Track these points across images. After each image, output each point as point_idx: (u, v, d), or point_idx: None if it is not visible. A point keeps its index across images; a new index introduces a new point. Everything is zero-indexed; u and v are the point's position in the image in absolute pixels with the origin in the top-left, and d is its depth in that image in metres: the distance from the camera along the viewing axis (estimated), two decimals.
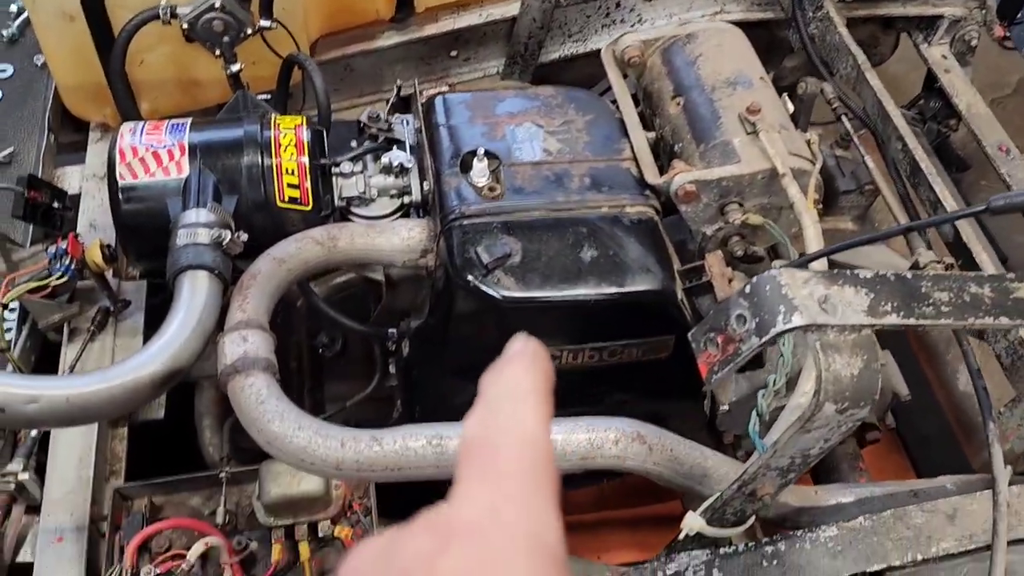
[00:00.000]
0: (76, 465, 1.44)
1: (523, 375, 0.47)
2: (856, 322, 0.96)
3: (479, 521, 0.42)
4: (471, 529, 0.41)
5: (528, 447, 0.44)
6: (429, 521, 0.42)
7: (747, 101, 1.43)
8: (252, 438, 1.21)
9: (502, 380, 0.48)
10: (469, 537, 0.41)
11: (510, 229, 1.35)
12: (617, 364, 1.41)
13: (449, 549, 0.40)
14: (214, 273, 1.28)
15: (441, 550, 0.40)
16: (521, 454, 0.44)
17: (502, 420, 0.45)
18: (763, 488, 1.10)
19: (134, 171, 1.39)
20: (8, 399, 1.07)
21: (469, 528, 0.41)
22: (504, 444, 0.44)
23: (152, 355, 1.18)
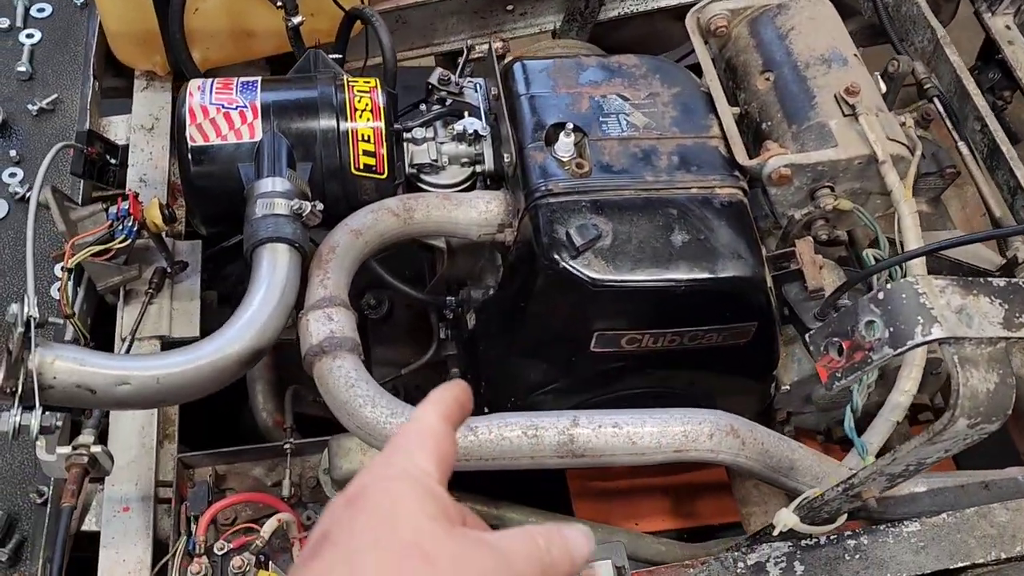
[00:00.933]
0: (139, 432, 1.41)
1: (435, 393, 0.61)
2: (993, 334, 0.93)
3: (372, 463, 0.57)
4: (369, 467, 0.56)
5: (420, 425, 0.58)
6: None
7: (843, 80, 1.37)
8: (338, 420, 1.18)
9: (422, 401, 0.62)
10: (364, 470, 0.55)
11: (599, 208, 1.30)
12: (695, 348, 1.39)
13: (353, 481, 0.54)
14: (294, 246, 1.23)
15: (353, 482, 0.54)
16: (414, 428, 0.58)
17: (412, 415, 0.60)
18: (868, 491, 1.08)
19: (205, 133, 1.33)
20: (98, 381, 1.03)
21: (368, 468, 0.56)
22: (406, 426, 0.59)
23: (237, 333, 1.14)
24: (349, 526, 0.50)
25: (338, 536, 0.50)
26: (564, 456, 1.14)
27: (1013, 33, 2.13)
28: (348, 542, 0.49)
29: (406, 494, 0.52)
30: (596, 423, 1.15)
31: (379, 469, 0.55)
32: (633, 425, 1.16)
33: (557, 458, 1.14)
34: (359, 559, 0.48)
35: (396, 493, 0.52)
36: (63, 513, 1.18)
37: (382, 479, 0.53)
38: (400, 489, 0.52)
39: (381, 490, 0.52)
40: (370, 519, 0.50)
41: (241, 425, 1.82)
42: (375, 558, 0.48)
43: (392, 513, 0.51)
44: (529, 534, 0.55)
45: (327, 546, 0.50)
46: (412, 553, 0.49)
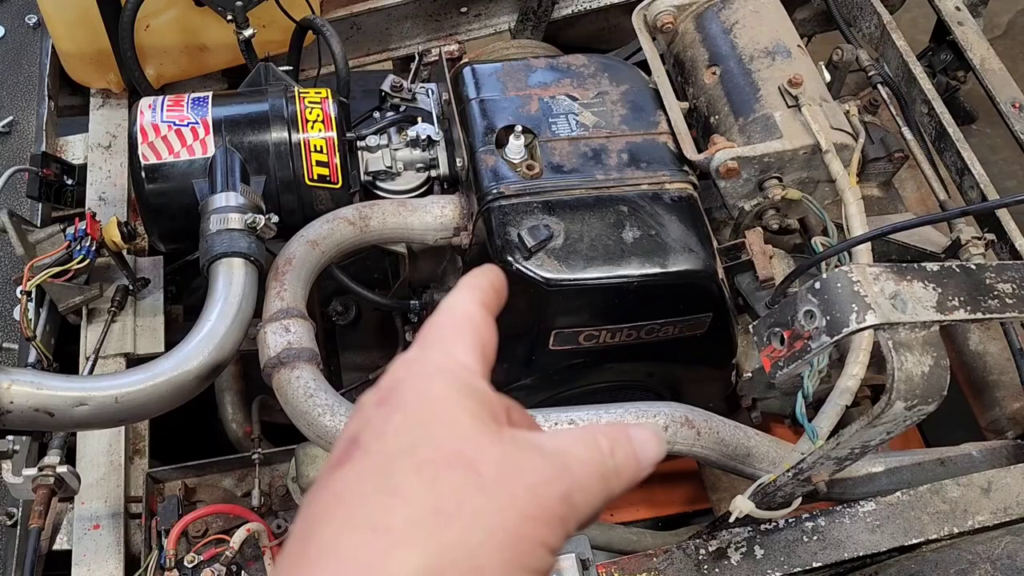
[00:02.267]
0: (107, 450, 1.42)
1: (470, 278, 0.55)
2: (927, 319, 0.95)
3: (407, 354, 0.51)
4: (401, 359, 0.50)
5: (453, 312, 0.53)
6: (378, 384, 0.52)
7: (787, 72, 1.40)
8: (297, 428, 1.20)
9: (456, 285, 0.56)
10: (398, 362, 0.50)
11: (551, 209, 1.32)
12: (650, 343, 1.41)
13: (385, 374, 0.50)
14: (249, 260, 1.25)
15: (380, 378, 0.50)
16: (447, 318, 0.52)
17: (443, 304, 0.54)
18: (818, 476, 1.11)
19: (157, 151, 1.34)
20: (56, 403, 1.04)
21: (399, 361, 0.50)
22: (437, 315, 0.53)
23: (195, 348, 1.15)
24: (381, 429, 0.46)
25: (369, 440, 0.45)
26: None
27: (963, 14, 2.17)
28: (381, 447, 0.45)
29: (445, 392, 0.47)
30: (552, 420, 1.17)
31: (414, 364, 0.50)
32: (589, 421, 1.18)
33: None
34: (394, 468, 0.44)
35: (434, 391, 0.47)
36: (31, 534, 1.19)
37: (418, 375, 0.49)
38: (438, 386, 0.48)
39: (417, 388, 0.48)
40: (405, 421, 0.46)
41: (216, 436, 1.84)
42: (412, 466, 0.43)
43: (430, 414, 0.46)
44: (590, 434, 0.49)
45: (357, 452, 0.45)
46: (454, 461, 0.44)
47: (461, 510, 0.42)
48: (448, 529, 0.42)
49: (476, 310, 0.53)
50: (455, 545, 0.42)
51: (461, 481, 0.43)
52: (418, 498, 0.42)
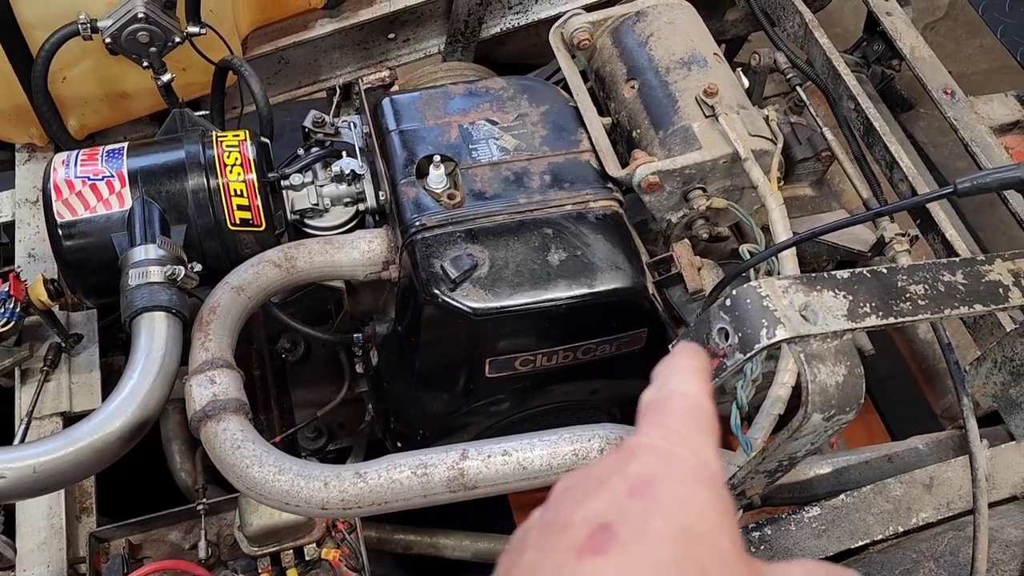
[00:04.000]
0: (47, 514, 1.40)
1: (688, 360, 0.53)
2: (838, 328, 0.95)
3: (654, 443, 0.48)
4: (648, 447, 0.48)
5: (690, 401, 0.51)
6: (613, 450, 0.49)
7: (703, 82, 1.40)
8: (227, 480, 1.18)
9: (669, 364, 0.54)
10: (648, 451, 0.47)
11: (474, 237, 1.31)
12: (588, 362, 1.40)
13: (634, 458, 0.47)
14: (171, 312, 1.23)
15: (627, 460, 0.47)
16: (683, 406, 0.50)
17: (670, 385, 0.52)
18: (751, 489, 1.11)
19: (72, 207, 1.32)
20: None
21: (646, 447, 0.48)
22: (672, 399, 0.51)
23: (117, 409, 1.13)
24: (642, 530, 0.42)
25: (629, 540, 0.42)
26: (456, 490, 1.15)
27: (891, 4, 2.19)
28: (644, 554, 0.42)
29: (708, 507, 0.45)
30: (485, 453, 1.16)
31: (667, 459, 0.47)
32: (523, 451, 1.17)
33: (449, 493, 1.15)
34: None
35: (697, 503, 0.45)
36: None
37: (676, 478, 0.46)
38: (701, 498, 0.45)
39: (678, 493, 0.45)
40: (667, 530, 0.43)
41: (168, 485, 1.81)
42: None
43: (694, 531, 0.43)
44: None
45: (614, 547, 0.42)
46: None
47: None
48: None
49: (709, 403, 0.51)
50: None
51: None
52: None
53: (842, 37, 2.58)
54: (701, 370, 0.53)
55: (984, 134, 2.00)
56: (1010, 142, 2.16)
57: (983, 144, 1.98)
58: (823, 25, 2.09)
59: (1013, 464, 1.30)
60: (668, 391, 0.51)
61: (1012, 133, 2.17)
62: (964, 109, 2.03)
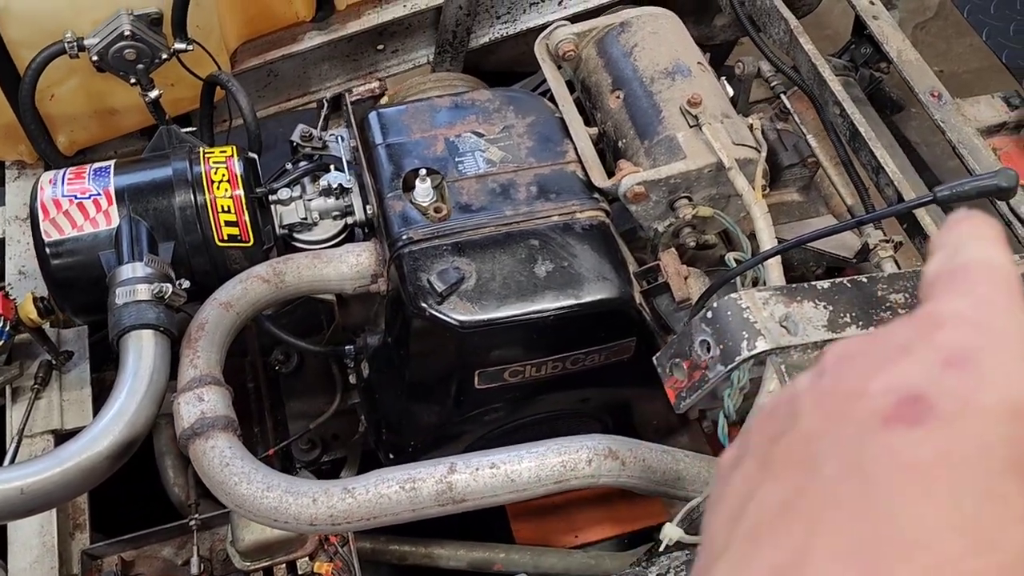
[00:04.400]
0: (39, 532, 1.40)
1: (981, 226, 0.45)
2: (818, 339, 0.96)
3: (962, 311, 0.41)
4: (957, 315, 0.40)
5: (997, 270, 0.43)
6: (908, 318, 0.41)
7: (687, 92, 1.40)
8: (216, 498, 1.18)
9: (958, 228, 0.45)
10: (958, 320, 0.40)
11: (461, 250, 1.32)
12: (579, 371, 1.41)
13: (941, 327, 0.39)
14: (159, 330, 1.24)
15: (933, 328, 0.40)
16: (990, 274, 0.42)
17: (968, 253, 0.44)
18: None
19: (60, 226, 1.32)
20: None
21: (954, 315, 0.40)
22: (974, 267, 0.43)
23: (104, 428, 1.14)
24: (966, 404, 0.37)
25: (949, 409, 0.37)
26: (445, 504, 1.15)
27: (877, 8, 2.20)
28: (973, 428, 0.36)
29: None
30: (473, 467, 1.16)
31: (982, 330, 0.40)
32: (511, 463, 1.17)
33: (438, 507, 1.15)
34: (994, 463, 0.35)
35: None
36: None
37: (999, 350, 0.39)
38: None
39: (1006, 370, 0.38)
40: (998, 408, 0.37)
41: (162, 500, 1.82)
42: (1020, 478, 0.35)
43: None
44: None
45: (932, 418, 0.37)
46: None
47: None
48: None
49: (1018, 276, 0.43)
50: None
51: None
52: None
53: (832, 39, 2.59)
54: (1001, 239, 0.45)
55: (971, 136, 2.01)
56: (998, 143, 2.16)
57: (971, 146, 1.98)
58: (813, 28, 2.10)
59: None
60: (966, 258, 0.44)
61: (1000, 134, 2.18)
62: (951, 111, 2.04)
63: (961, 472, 0.35)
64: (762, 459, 0.40)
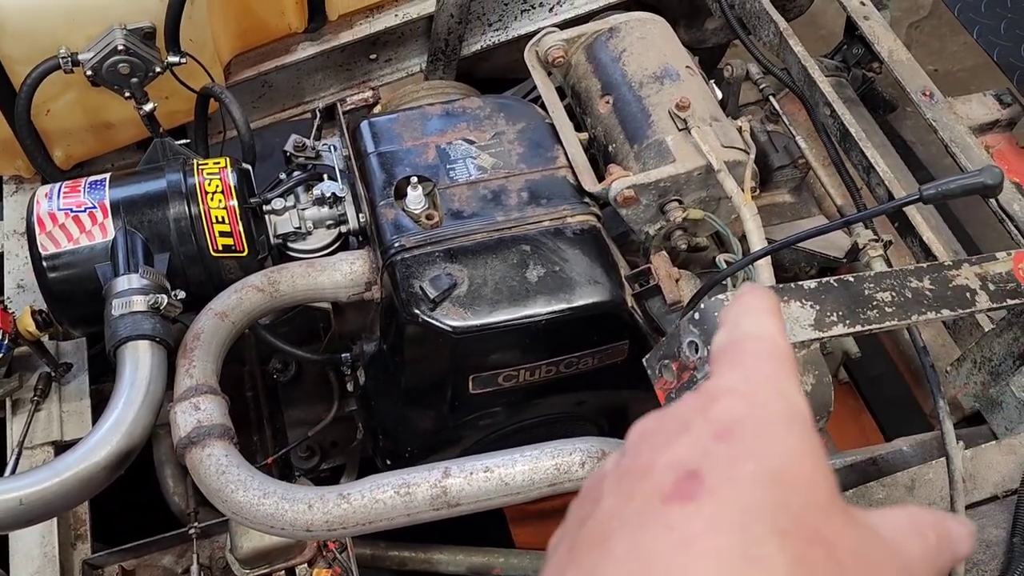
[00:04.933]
0: (40, 543, 1.41)
1: (757, 299, 0.52)
2: (805, 338, 0.97)
3: (736, 386, 0.46)
4: (730, 390, 0.46)
5: (768, 342, 0.49)
6: (691, 394, 0.47)
7: (676, 96, 1.41)
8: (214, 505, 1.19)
9: (739, 303, 0.52)
10: (730, 393, 0.45)
11: (453, 256, 1.33)
12: (574, 374, 1.42)
13: (716, 402, 0.45)
14: (155, 341, 1.25)
15: (708, 404, 0.45)
16: (761, 347, 0.48)
17: (743, 327, 0.50)
18: None
19: (56, 240, 1.34)
20: None
21: (728, 389, 0.46)
22: (748, 341, 0.49)
23: (102, 439, 1.15)
24: (731, 474, 0.41)
25: (718, 484, 0.40)
26: (440, 508, 1.16)
27: (868, 8, 2.21)
28: (735, 499, 0.40)
29: (800, 449, 0.42)
30: (467, 471, 1.17)
31: (753, 401, 0.44)
32: (504, 467, 1.18)
33: (433, 511, 1.16)
34: (753, 531, 0.39)
35: (789, 445, 0.42)
36: None
37: (764, 419, 0.43)
38: (792, 440, 0.43)
39: (768, 435, 0.43)
40: (759, 473, 0.41)
41: (163, 509, 1.83)
42: (774, 536, 0.38)
43: (787, 474, 0.41)
44: (920, 527, 0.46)
45: (704, 494, 0.40)
46: (815, 540, 0.40)
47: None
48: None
49: (787, 344, 0.48)
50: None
51: (824, 567, 0.39)
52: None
53: (827, 39, 2.60)
54: (773, 310, 0.50)
55: (964, 134, 2.02)
56: (990, 141, 2.17)
57: (963, 144, 2.00)
58: (807, 29, 2.11)
59: (994, 464, 1.31)
60: (741, 333, 0.49)
61: (992, 132, 2.19)
62: (943, 110, 2.05)
63: (727, 539, 0.39)
64: (571, 542, 0.44)
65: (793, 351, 0.51)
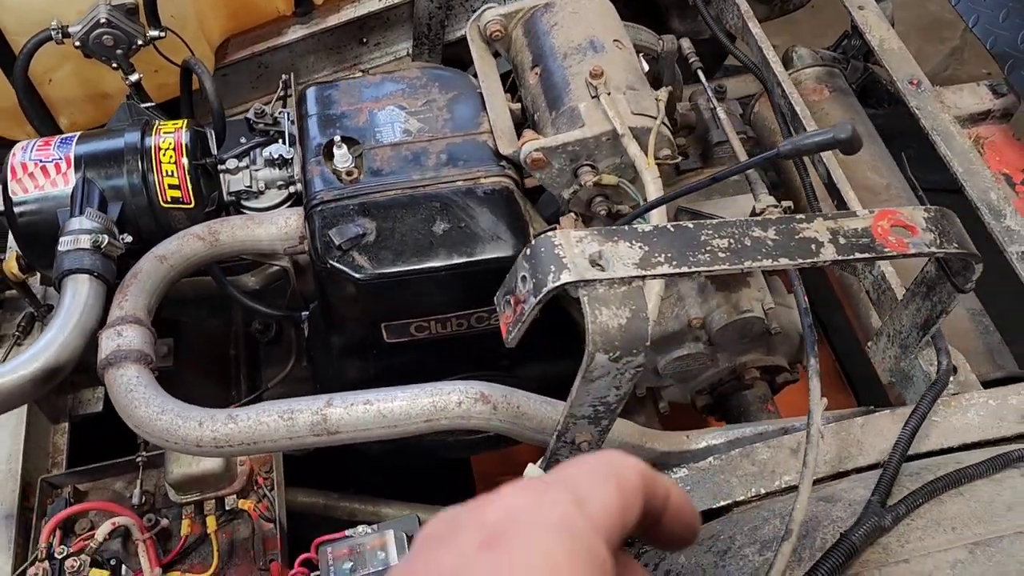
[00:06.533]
0: (5, 459, 1.57)
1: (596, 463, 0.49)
2: (624, 275, 1.01)
3: (531, 483, 0.46)
4: (522, 485, 0.46)
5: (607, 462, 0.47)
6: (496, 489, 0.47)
7: (595, 66, 1.47)
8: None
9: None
10: (518, 489, 0.45)
11: (366, 210, 1.42)
12: (486, 331, 1.49)
13: (499, 498, 0.45)
14: (93, 275, 1.39)
15: (492, 500, 0.45)
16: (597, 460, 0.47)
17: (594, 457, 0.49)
18: (581, 436, 1.16)
19: (24, 186, 1.50)
20: None
21: (520, 484, 0.46)
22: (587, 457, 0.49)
23: (33, 354, 1.29)
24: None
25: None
26: (320, 435, 1.25)
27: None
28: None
29: (563, 561, 0.42)
30: (349, 402, 1.26)
31: (536, 503, 0.44)
32: (384, 401, 1.26)
33: (313, 436, 1.25)
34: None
35: (553, 557, 0.42)
36: None
37: (537, 526, 0.43)
38: (558, 552, 0.42)
39: (532, 547, 0.42)
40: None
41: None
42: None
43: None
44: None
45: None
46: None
47: None
48: None
49: (630, 469, 0.47)
50: None
51: None
52: None
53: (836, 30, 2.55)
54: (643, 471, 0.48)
55: (946, 123, 2.00)
56: (983, 132, 2.12)
57: (944, 132, 1.98)
58: (812, 19, 2.08)
59: (884, 431, 1.31)
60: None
61: (985, 123, 2.13)
62: (928, 99, 2.03)
63: None
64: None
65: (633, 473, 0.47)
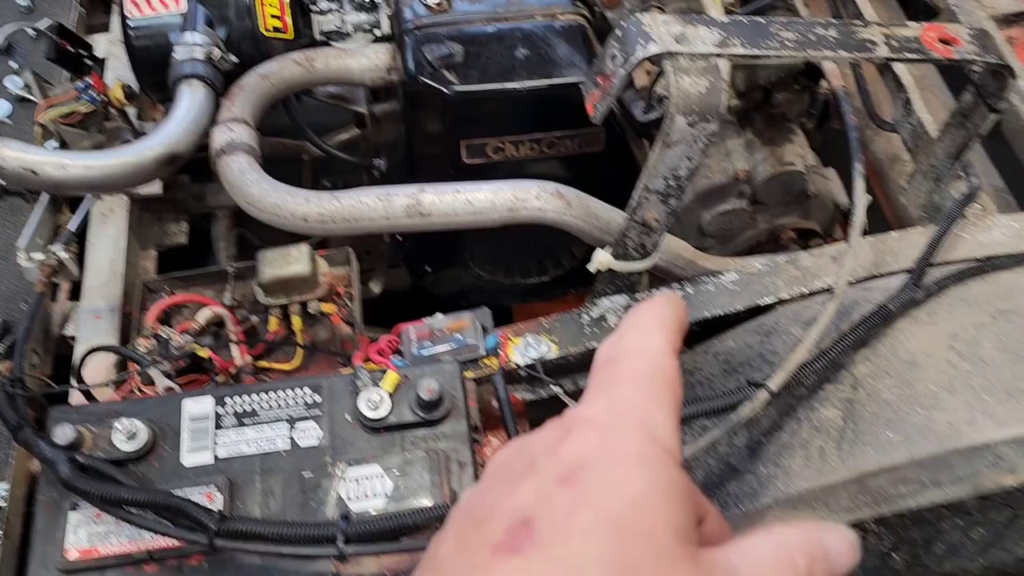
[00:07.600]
0: (109, 263, 1.73)
1: (656, 309, 0.50)
2: (704, 51, 1.15)
3: (596, 416, 0.46)
4: (588, 422, 0.46)
5: (647, 361, 0.48)
6: (554, 421, 0.48)
7: None
8: (246, 212, 1.47)
9: (635, 312, 0.51)
10: (586, 427, 0.45)
11: (454, 36, 1.57)
12: (556, 156, 1.63)
13: (569, 436, 0.45)
14: (206, 82, 1.53)
15: (562, 438, 0.45)
16: (639, 365, 0.47)
17: (627, 341, 0.49)
18: (650, 214, 1.31)
19: (140, 8, 1.64)
20: (41, 165, 1.34)
21: (585, 421, 0.46)
22: (625, 359, 0.48)
23: (156, 140, 1.44)
24: (565, 526, 0.40)
25: (549, 537, 0.39)
26: (413, 216, 1.39)
27: None
28: (564, 554, 0.39)
29: (647, 492, 0.41)
30: (440, 190, 1.41)
31: (609, 436, 0.43)
32: (471, 192, 1.41)
33: (407, 218, 1.39)
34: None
35: (635, 488, 0.41)
36: (35, 299, 1.49)
37: (615, 460, 0.42)
38: (639, 483, 0.42)
39: (612, 479, 0.42)
40: (596, 523, 0.40)
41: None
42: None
43: (627, 522, 0.40)
44: (788, 554, 0.44)
45: (530, 547, 0.39)
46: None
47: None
48: None
49: (670, 362, 0.47)
50: None
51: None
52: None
53: None
54: (669, 322, 0.48)
55: (983, 20, 2.11)
56: (1015, 33, 2.23)
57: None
58: None
59: (918, 243, 1.44)
60: (624, 346, 0.48)
61: (1018, 24, 2.25)
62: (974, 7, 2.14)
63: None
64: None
65: (676, 372, 0.48)
